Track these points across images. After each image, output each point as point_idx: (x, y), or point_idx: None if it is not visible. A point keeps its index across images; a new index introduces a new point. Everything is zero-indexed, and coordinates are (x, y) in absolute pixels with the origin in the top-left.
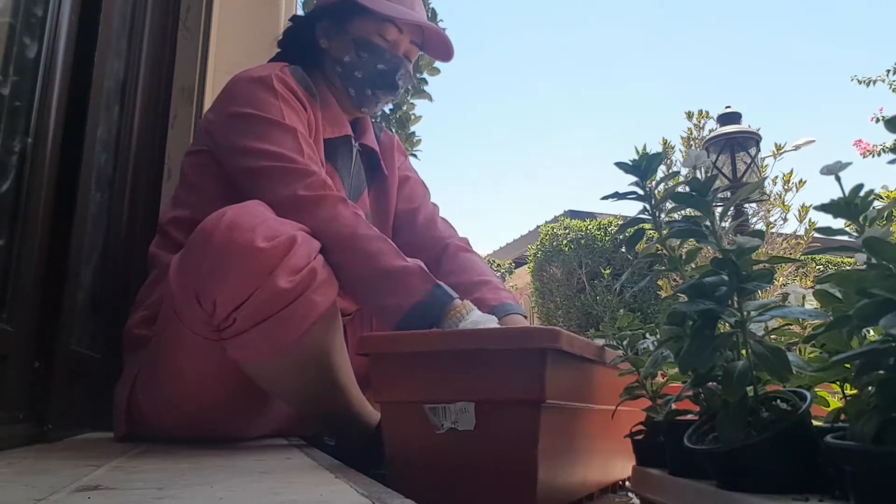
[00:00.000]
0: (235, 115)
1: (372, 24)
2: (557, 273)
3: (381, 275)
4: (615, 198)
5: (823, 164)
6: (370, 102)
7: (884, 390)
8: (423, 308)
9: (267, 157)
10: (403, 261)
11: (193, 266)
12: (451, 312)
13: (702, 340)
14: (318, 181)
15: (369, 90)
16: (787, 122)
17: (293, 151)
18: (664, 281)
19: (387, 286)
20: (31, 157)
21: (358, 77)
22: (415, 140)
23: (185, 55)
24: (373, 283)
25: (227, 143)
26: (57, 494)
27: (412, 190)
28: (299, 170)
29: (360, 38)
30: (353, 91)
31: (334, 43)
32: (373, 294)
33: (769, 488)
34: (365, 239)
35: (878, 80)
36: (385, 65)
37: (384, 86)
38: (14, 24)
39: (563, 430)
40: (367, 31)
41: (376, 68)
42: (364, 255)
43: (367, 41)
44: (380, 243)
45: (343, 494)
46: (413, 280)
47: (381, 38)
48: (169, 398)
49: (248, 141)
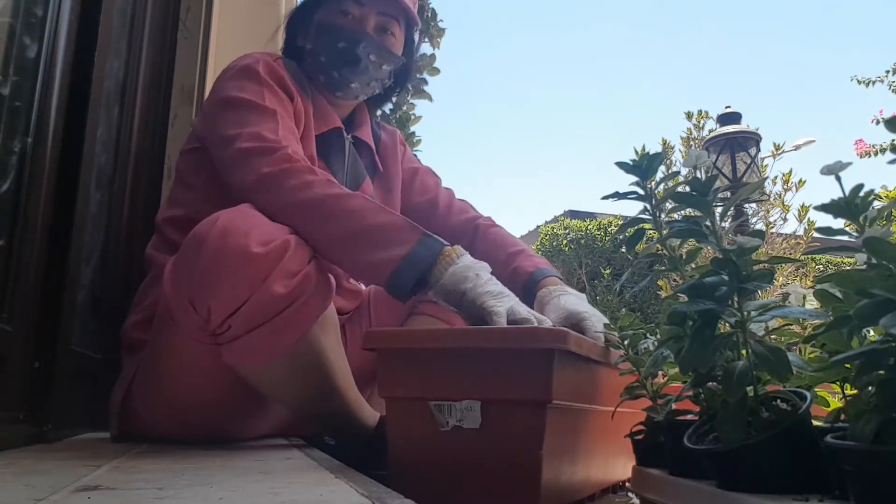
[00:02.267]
0: (218, 103)
1: (333, 6)
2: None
3: (367, 230)
4: (616, 198)
5: (823, 164)
6: (341, 84)
7: (884, 390)
8: (415, 257)
9: (240, 140)
10: (387, 214)
11: (187, 272)
12: (442, 259)
13: (702, 340)
14: (283, 156)
15: (335, 72)
16: (787, 122)
17: (268, 131)
18: (664, 281)
19: (375, 241)
20: (31, 157)
21: (323, 61)
22: (415, 140)
23: (185, 55)
24: (359, 240)
25: (212, 135)
26: (57, 494)
27: (423, 181)
28: (264, 148)
29: (322, 23)
30: (323, 77)
31: (305, 37)
32: (360, 251)
33: (769, 488)
34: (340, 198)
35: (877, 80)
36: (345, 41)
37: (347, 62)
38: (14, 24)
39: (567, 430)
40: (329, 14)
41: (337, 47)
42: (346, 214)
43: (327, 23)
44: (360, 200)
45: (343, 494)
46: (401, 232)
47: (341, 14)
48: (166, 400)
49: (228, 129)
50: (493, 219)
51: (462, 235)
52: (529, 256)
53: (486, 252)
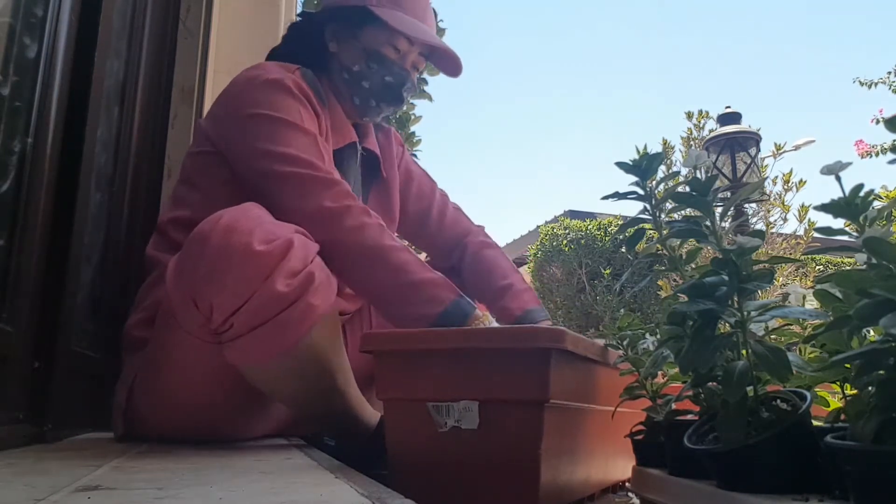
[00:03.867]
0: (253, 116)
1: (384, 35)
2: (557, 273)
3: (408, 286)
4: (616, 197)
5: (823, 164)
6: (373, 113)
7: (884, 390)
8: (447, 318)
9: (289, 162)
10: (429, 272)
11: (190, 270)
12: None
13: (702, 340)
14: (343, 191)
15: (374, 101)
16: (787, 122)
17: (315, 157)
18: (664, 281)
19: (413, 297)
20: (31, 157)
21: (365, 87)
22: (415, 140)
23: (185, 55)
24: (399, 294)
25: (245, 146)
26: (57, 494)
27: (420, 187)
28: (324, 179)
29: (371, 49)
30: (358, 100)
31: (344, 49)
32: (399, 304)
33: (769, 488)
34: (391, 250)
35: (879, 81)
36: (393, 77)
37: (390, 98)
38: (14, 24)
39: (565, 430)
40: (379, 41)
41: (384, 80)
42: (392, 265)
43: (378, 52)
44: (405, 254)
45: (343, 494)
46: (438, 291)
47: (392, 48)
48: (168, 399)
49: (269, 144)
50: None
51: (452, 251)
52: (519, 294)
53: (476, 280)
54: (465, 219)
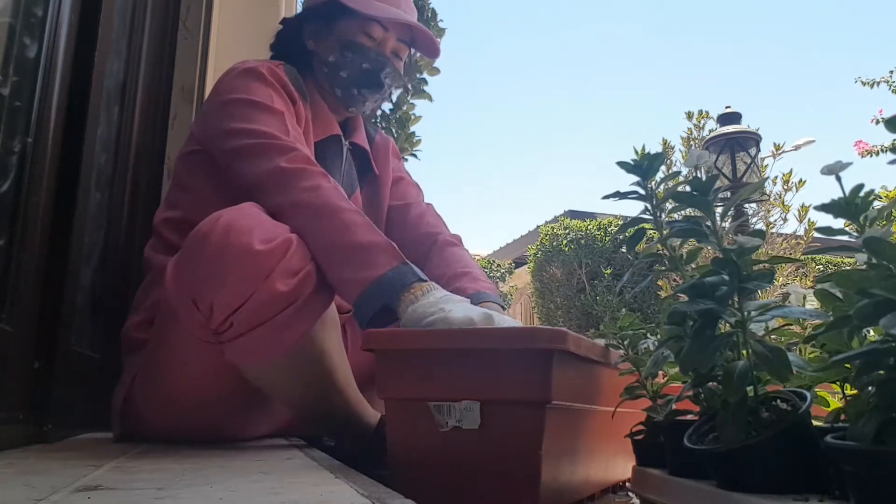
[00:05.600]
0: (226, 102)
1: (357, 24)
2: (557, 273)
3: (351, 247)
4: (616, 197)
5: (824, 164)
6: (357, 102)
7: (884, 390)
8: (383, 284)
9: (250, 136)
10: (377, 236)
11: (190, 269)
12: (409, 292)
13: (702, 340)
14: (302, 156)
15: (355, 90)
16: (787, 122)
17: (278, 131)
18: (664, 281)
19: (353, 259)
20: (31, 157)
21: (343, 77)
22: (415, 140)
23: (185, 55)
24: (340, 255)
25: (217, 130)
26: (57, 494)
27: (405, 189)
28: (282, 145)
29: (346, 39)
30: (340, 91)
31: (321, 44)
32: (338, 266)
33: (769, 488)
34: (342, 210)
35: (881, 81)
36: (370, 64)
37: (370, 85)
38: (14, 24)
39: (566, 430)
40: (353, 30)
41: (361, 67)
42: (339, 224)
43: (352, 41)
44: (357, 217)
45: (343, 494)
46: (380, 256)
47: (367, 37)
48: (167, 399)
49: (234, 123)
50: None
51: (420, 246)
52: (475, 279)
53: (437, 267)
54: (444, 225)
